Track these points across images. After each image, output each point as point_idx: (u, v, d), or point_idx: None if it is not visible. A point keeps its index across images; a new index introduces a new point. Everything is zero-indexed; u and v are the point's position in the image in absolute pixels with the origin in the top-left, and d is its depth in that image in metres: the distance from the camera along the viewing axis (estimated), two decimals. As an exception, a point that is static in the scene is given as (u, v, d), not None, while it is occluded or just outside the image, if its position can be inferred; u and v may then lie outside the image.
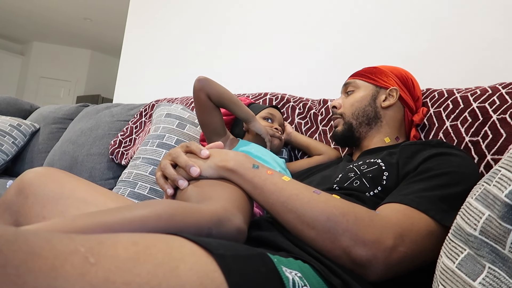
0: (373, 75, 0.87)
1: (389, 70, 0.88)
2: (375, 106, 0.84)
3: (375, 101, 0.85)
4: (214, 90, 0.94)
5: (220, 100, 0.94)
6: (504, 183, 0.34)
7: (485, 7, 1.06)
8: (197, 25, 2.02)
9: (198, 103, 0.95)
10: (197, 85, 0.93)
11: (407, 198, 0.53)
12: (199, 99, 0.94)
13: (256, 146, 0.95)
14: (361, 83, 0.87)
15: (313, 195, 0.51)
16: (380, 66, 0.90)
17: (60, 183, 0.61)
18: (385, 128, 0.84)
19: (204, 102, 0.94)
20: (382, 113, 0.84)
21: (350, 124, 0.85)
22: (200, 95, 0.93)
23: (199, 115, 0.97)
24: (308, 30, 1.52)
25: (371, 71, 0.88)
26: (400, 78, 0.87)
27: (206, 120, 0.96)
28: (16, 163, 1.88)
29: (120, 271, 0.28)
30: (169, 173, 0.59)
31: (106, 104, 1.81)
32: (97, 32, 5.66)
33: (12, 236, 0.25)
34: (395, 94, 0.84)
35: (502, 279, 0.32)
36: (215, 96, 0.94)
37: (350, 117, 0.85)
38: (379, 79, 0.86)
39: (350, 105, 0.86)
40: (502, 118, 0.73)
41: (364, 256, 0.45)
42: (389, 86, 0.85)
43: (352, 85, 0.88)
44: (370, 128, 0.84)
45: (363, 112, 0.84)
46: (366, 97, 0.85)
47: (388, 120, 0.84)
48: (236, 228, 0.47)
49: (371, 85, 0.86)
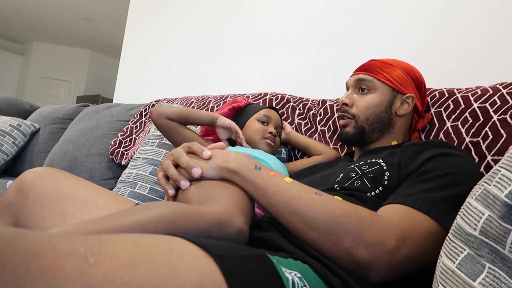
0: (390, 75, 0.81)
1: (405, 71, 0.82)
2: (390, 113, 0.81)
3: (391, 108, 0.81)
4: (170, 110, 0.98)
5: (180, 116, 0.98)
6: (504, 183, 0.34)
7: (484, 5, 1.06)
8: (197, 25, 2.02)
9: (163, 129, 0.99)
10: (154, 116, 0.98)
11: (409, 199, 0.53)
12: (162, 125, 0.98)
13: (246, 150, 0.95)
14: (379, 84, 0.81)
15: (316, 196, 0.51)
16: (393, 62, 0.84)
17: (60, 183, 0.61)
18: (395, 133, 0.82)
19: (168, 125, 0.98)
20: (395, 120, 0.81)
21: (363, 129, 0.81)
22: (161, 121, 0.98)
23: (171, 139, 1.01)
24: (308, 30, 1.52)
25: (387, 70, 0.82)
26: (416, 83, 0.83)
27: (179, 139, 0.98)
28: (16, 163, 1.88)
29: (120, 272, 0.28)
30: (171, 173, 0.58)
31: (106, 104, 1.81)
32: (97, 32, 5.65)
33: (11, 236, 0.24)
34: (411, 102, 0.81)
35: (502, 279, 0.32)
36: (173, 114, 0.98)
37: (364, 122, 0.80)
38: (397, 82, 0.81)
39: (365, 108, 0.81)
40: (503, 118, 0.73)
41: (366, 258, 0.45)
42: (406, 92, 0.81)
43: (368, 83, 0.82)
44: (382, 134, 0.81)
45: (379, 119, 0.80)
46: (383, 103, 0.80)
47: (399, 127, 0.82)
48: (237, 230, 0.47)
49: (389, 89, 0.81)
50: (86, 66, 6.54)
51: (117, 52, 5.77)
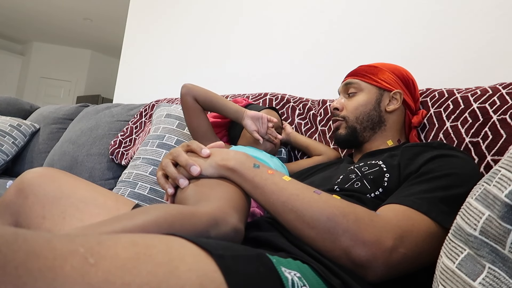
0: (375, 76, 0.84)
1: (390, 71, 0.85)
2: (380, 110, 0.83)
3: (380, 105, 0.83)
4: (200, 92, 0.98)
5: (207, 100, 0.98)
6: (504, 183, 0.34)
7: (484, 5, 1.06)
8: (197, 25, 2.02)
9: (185, 107, 0.99)
10: (183, 91, 0.98)
11: (408, 199, 0.53)
12: (187, 102, 0.98)
13: (248, 149, 0.95)
14: (364, 84, 0.84)
15: (314, 195, 0.51)
16: (379, 64, 0.87)
17: (60, 183, 0.61)
18: (388, 131, 0.83)
19: (192, 105, 0.98)
20: (386, 117, 0.83)
21: (354, 128, 0.83)
22: (187, 98, 0.98)
23: (188, 120, 1.01)
24: (308, 30, 1.52)
25: (372, 72, 0.85)
26: (402, 80, 0.85)
27: (195, 123, 0.99)
28: (16, 163, 1.88)
29: (119, 272, 0.28)
30: (170, 171, 0.59)
31: (106, 104, 1.81)
32: (97, 32, 5.66)
33: (11, 236, 0.24)
34: (399, 98, 0.83)
35: (502, 279, 0.32)
36: (201, 97, 0.98)
37: (354, 122, 0.83)
38: (382, 81, 0.84)
39: (354, 108, 0.84)
40: (503, 118, 0.73)
41: (364, 257, 0.45)
42: (392, 88, 0.83)
43: (354, 86, 0.85)
44: (374, 132, 0.83)
45: (368, 117, 0.82)
46: (371, 101, 0.83)
47: (391, 124, 0.84)
48: (232, 228, 0.47)
49: (375, 88, 0.84)
50: (86, 66, 6.54)
51: (117, 52, 5.77)
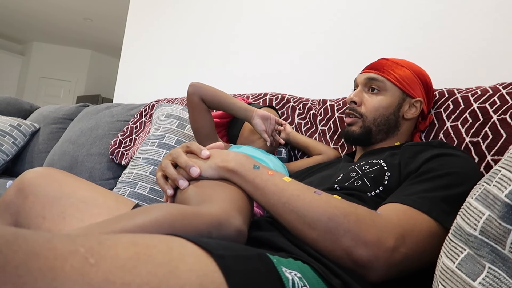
0: (402, 78, 0.80)
1: (416, 75, 0.82)
2: (398, 115, 0.80)
3: (399, 110, 0.80)
4: (208, 91, 0.96)
5: (215, 100, 0.96)
6: (504, 183, 0.34)
7: (484, 5, 1.06)
8: (197, 26, 2.02)
9: (191, 107, 0.98)
10: (190, 90, 0.97)
11: (409, 198, 0.53)
12: (193, 102, 0.97)
13: (247, 148, 0.95)
14: (389, 85, 0.80)
15: (315, 195, 0.51)
16: (405, 64, 0.82)
17: (60, 183, 0.61)
18: (399, 136, 0.82)
19: (197, 105, 0.96)
20: (401, 123, 0.81)
21: (369, 129, 0.80)
22: (194, 98, 0.96)
23: (193, 120, 0.99)
24: (308, 30, 1.52)
25: (400, 73, 0.80)
26: (425, 87, 0.83)
27: (199, 123, 0.98)
28: (16, 163, 1.88)
29: (120, 272, 0.28)
30: (170, 172, 0.58)
31: (106, 104, 1.81)
32: (97, 32, 5.65)
33: (11, 236, 0.24)
34: (418, 106, 0.81)
35: (502, 279, 0.32)
36: (209, 96, 0.96)
37: (371, 123, 0.80)
38: (408, 85, 0.80)
39: (374, 108, 0.80)
40: (503, 118, 0.73)
41: (365, 257, 0.45)
42: (415, 95, 0.80)
43: (379, 84, 0.80)
44: (387, 136, 0.81)
45: (386, 121, 0.79)
46: (393, 105, 0.79)
47: (404, 129, 0.82)
48: (236, 230, 0.47)
49: (399, 91, 0.80)
50: (86, 66, 6.53)
51: (117, 52, 5.77)
